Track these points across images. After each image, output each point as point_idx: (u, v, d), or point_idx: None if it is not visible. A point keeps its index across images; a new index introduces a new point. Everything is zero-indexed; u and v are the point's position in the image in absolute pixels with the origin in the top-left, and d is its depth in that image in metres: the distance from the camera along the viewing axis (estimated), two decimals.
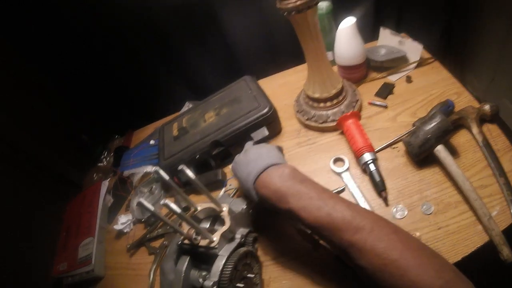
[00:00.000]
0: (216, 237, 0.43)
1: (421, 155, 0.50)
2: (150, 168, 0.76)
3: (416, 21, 0.64)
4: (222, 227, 0.45)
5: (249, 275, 0.44)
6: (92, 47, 0.84)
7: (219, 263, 0.41)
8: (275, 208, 0.40)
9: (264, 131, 0.61)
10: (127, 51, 0.86)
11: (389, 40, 0.64)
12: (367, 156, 0.52)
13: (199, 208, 0.48)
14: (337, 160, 0.57)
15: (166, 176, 0.44)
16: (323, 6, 0.63)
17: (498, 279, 0.55)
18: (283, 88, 0.76)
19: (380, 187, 0.50)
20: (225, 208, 0.47)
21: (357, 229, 0.33)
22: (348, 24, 0.57)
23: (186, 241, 0.45)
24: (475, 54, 0.56)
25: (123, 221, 0.71)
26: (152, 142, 0.81)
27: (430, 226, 0.45)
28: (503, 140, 0.51)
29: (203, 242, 0.44)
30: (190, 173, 0.45)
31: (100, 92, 0.96)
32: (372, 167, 0.52)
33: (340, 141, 0.60)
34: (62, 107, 0.92)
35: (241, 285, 0.41)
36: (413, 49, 0.61)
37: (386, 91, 0.62)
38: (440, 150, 0.48)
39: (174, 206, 0.38)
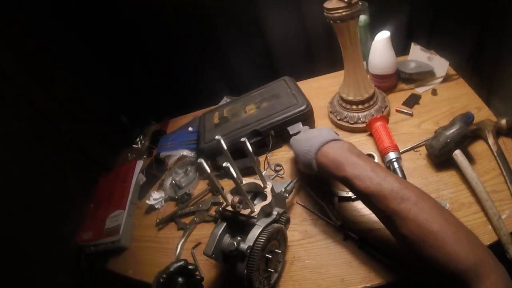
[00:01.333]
0: (257, 209, 0.52)
1: (441, 157, 0.58)
2: (186, 152, 0.85)
3: (447, 39, 0.72)
4: (262, 202, 0.54)
5: (276, 250, 0.52)
6: (140, 34, 0.92)
7: (255, 231, 0.48)
8: (332, 175, 0.47)
9: (299, 126, 0.70)
10: (172, 42, 0.93)
11: (418, 55, 0.72)
12: (392, 155, 0.60)
13: (244, 182, 0.57)
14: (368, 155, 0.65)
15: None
16: (361, 19, 0.72)
17: None
18: (318, 91, 0.85)
19: None
20: (268, 185, 0.55)
21: (403, 199, 0.37)
22: (383, 37, 0.67)
23: (228, 208, 0.53)
24: (503, 79, 0.62)
25: (156, 197, 0.80)
26: (190, 129, 0.91)
27: None
28: None
29: (244, 211, 0.52)
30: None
31: (142, 78, 1.05)
32: (396, 164, 0.60)
33: (368, 141, 0.68)
34: (105, 88, 1.01)
35: (270, 256, 0.49)
36: (440, 65, 0.69)
37: (413, 101, 0.70)
38: (458, 154, 0.56)
39: (232, 170, 0.47)
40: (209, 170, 0.51)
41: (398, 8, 0.76)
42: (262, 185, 0.56)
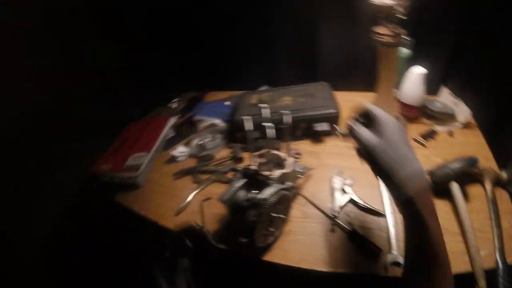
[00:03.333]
0: (275, 174, 0.62)
1: (439, 185, 0.67)
2: (218, 121, 0.97)
3: (478, 97, 0.81)
4: (281, 170, 0.64)
5: (281, 216, 0.62)
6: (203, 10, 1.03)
7: (272, 189, 0.58)
8: (414, 216, 0.40)
9: (325, 126, 0.81)
10: (229, 22, 1.03)
11: (446, 97, 0.83)
12: None
13: (271, 152, 0.67)
14: None
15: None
16: (404, 51, 0.83)
17: None
18: (347, 103, 0.94)
19: None
20: (290, 159, 0.66)
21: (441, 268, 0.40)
22: (418, 71, 0.78)
23: (251, 167, 0.64)
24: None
25: (182, 150, 0.91)
26: (226, 103, 1.03)
27: None
28: (509, 205, 0.65)
29: (265, 173, 0.62)
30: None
31: (193, 47, 1.15)
32: None
33: None
34: (162, 49, 1.14)
35: (275, 215, 0.59)
36: (463, 112, 0.79)
37: (429, 135, 0.80)
38: (454, 186, 0.65)
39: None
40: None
41: (442, 52, 0.86)
42: (284, 158, 0.66)
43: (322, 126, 0.81)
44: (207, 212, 0.74)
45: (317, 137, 0.85)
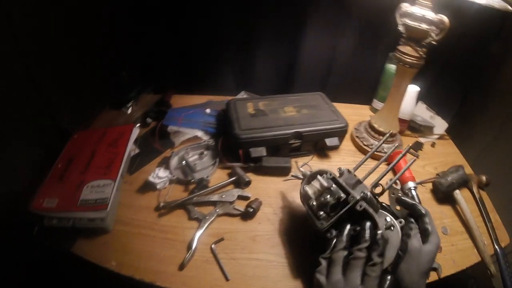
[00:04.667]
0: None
1: (446, 194, 0.74)
2: (201, 134, 0.80)
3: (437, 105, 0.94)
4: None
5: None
6: None
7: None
8: None
9: (336, 141, 0.78)
10: (202, 8, 0.87)
11: (423, 112, 0.93)
12: (411, 184, 0.74)
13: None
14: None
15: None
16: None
17: None
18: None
19: None
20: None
21: None
22: (413, 89, 0.85)
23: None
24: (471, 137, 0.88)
25: (162, 175, 0.70)
26: (207, 111, 0.86)
27: (447, 242, 0.67)
28: (489, 203, 0.79)
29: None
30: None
31: (155, 39, 0.93)
32: (414, 192, 0.73)
33: (382, 169, 0.80)
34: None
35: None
36: (440, 125, 0.91)
37: (418, 147, 0.89)
38: (458, 193, 0.74)
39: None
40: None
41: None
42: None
43: (332, 141, 0.77)
44: (223, 259, 0.58)
45: (324, 152, 0.81)
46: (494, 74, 1.02)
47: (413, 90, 0.85)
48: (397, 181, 0.77)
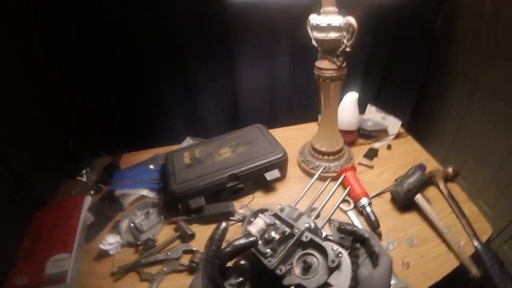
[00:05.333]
0: None
1: (405, 201, 0.68)
2: (146, 192, 0.81)
3: (391, 103, 0.90)
4: None
5: None
6: (102, 50, 0.86)
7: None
8: None
9: (276, 173, 0.76)
10: (138, 67, 0.89)
11: (374, 115, 0.89)
12: (364, 200, 0.69)
13: None
14: (344, 201, 0.71)
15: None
16: None
17: None
18: (284, 141, 0.92)
19: (375, 225, 0.65)
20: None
21: None
22: (352, 98, 0.82)
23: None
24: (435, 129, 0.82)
25: (111, 241, 0.71)
26: (151, 167, 0.87)
27: (415, 255, 0.61)
28: (463, 195, 0.73)
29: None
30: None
31: (97, 104, 0.97)
32: (368, 209, 0.68)
33: (339, 189, 0.76)
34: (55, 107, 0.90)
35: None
36: (393, 124, 0.86)
37: (372, 154, 0.84)
38: (419, 198, 0.68)
39: None
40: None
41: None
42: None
43: (273, 174, 0.75)
44: None
45: (269, 186, 0.79)
46: (443, 59, 0.98)
47: (351, 98, 0.81)
48: (350, 200, 0.72)
